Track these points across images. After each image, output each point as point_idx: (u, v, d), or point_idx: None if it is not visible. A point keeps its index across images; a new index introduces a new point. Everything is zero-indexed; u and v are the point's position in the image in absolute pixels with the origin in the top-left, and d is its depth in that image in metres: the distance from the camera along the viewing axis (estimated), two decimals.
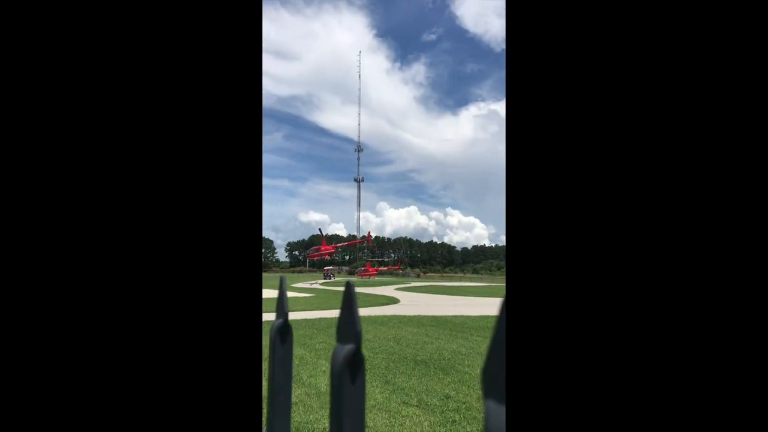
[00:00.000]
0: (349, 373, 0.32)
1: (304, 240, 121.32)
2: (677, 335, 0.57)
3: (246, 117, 0.74)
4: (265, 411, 0.73)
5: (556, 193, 0.63)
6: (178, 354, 0.68)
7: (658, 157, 0.61)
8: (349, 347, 0.32)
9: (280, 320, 0.48)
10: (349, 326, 0.32)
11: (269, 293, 13.89)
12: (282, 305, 0.48)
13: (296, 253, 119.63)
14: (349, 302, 0.33)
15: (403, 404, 3.77)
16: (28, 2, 0.68)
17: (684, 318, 0.57)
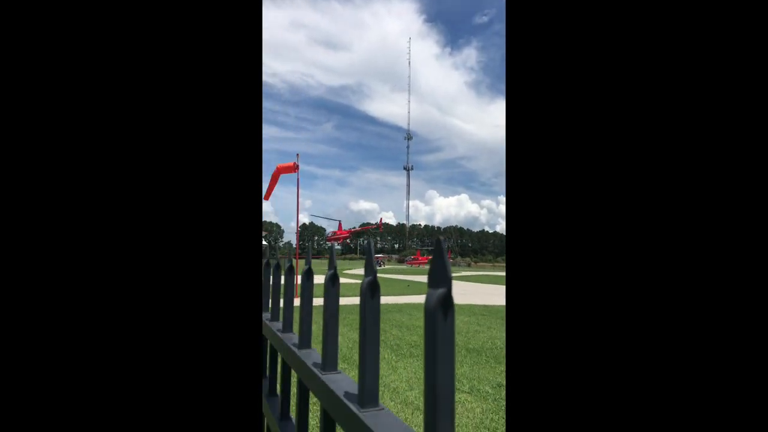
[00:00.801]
0: (441, 312, 0.36)
1: (355, 228, 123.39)
2: (678, 335, 0.56)
3: (246, 117, 0.74)
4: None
5: (556, 193, 0.62)
6: (179, 354, 0.68)
7: (658, 156, 0.60)
8: (441, 290, 0.36)
9: (370, 277, 0.53)
10: (440, 273, 0.36)
11: (320, 279, 14.29)
12: (371, 264, 0.54)
13: (348, 240, 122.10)
14: (439, 253, 0.37)
15: (456, 390, 3.82)
16: (28, 2, 0.68)
17: (683, 317, 0.56)
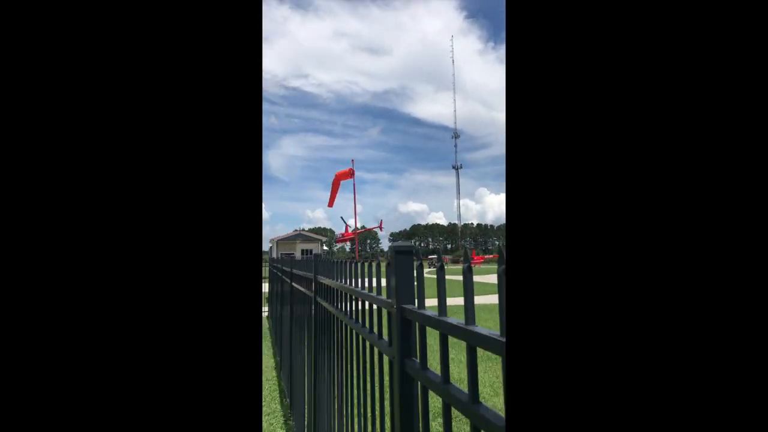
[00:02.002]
0: None
1: (406, 230, 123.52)
2: (678, 334, 0.55)
3: (246, 118, 0.72)
4: None
5: (556, 193, 0.61)
6: (179, 354, 0.67)
7: (658, 156, 0.59)
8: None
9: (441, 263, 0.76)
10: None
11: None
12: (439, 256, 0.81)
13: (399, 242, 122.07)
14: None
15: None
16: (28, 2, 0.66)
17: (683, 316, 0.55)
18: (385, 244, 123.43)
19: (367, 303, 1.28)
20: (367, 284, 1.29)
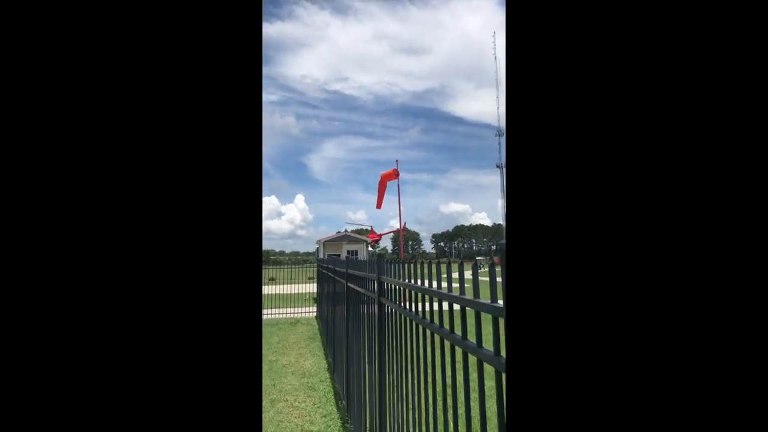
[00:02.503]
0: None
1: (448, 231, 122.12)
2: (677, 334, 0.57)
3: (246, 118, 0.71)
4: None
5: (556, 192, 0.62)
6: (179, 354, 0.67)
7: (658, 156, 0.60)
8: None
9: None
10: None
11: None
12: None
13: (441, 244, 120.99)
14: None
15: None
16: (28, 2, 0.67)
17: (682, 316, 0.57)
18: (426, 246, 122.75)
19: (452, 306, 1.17)
20: (455, 286, 1.18)
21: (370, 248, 15.29)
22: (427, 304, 1.44)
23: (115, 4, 0.71)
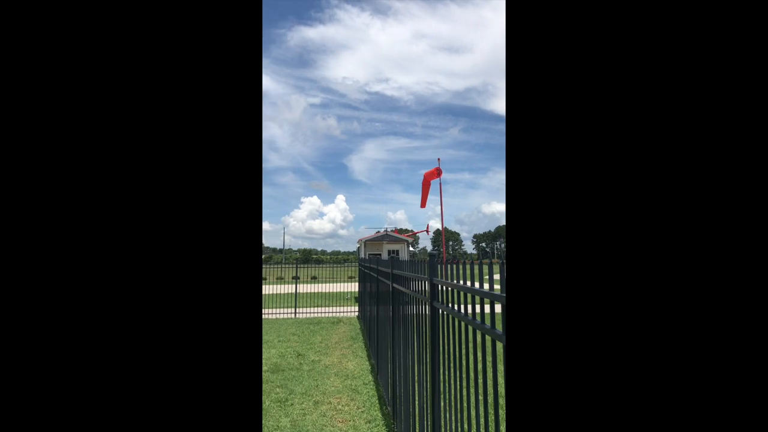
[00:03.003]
0: None
1: (490, 231, 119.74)
2: (676, 334, 0.59)
3: (246, 118, 0.72)
4: None
5: (556, 193, 0.65)
6: (179, 353, 0.67)
7: (657, 156, 0.63)
8: None
9: None
10: None
11: None
12: None
13: (483, 244, 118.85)
14: None
15: None
16: (29, 2, 0.66)
17: (682, 316, 0.60)
18: (468, 246, 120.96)
19: None
20: None
21: (411, 248, 15.11)
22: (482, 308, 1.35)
23: (116, 4, 0.72)
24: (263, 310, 10.52)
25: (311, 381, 4.78)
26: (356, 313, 10.12)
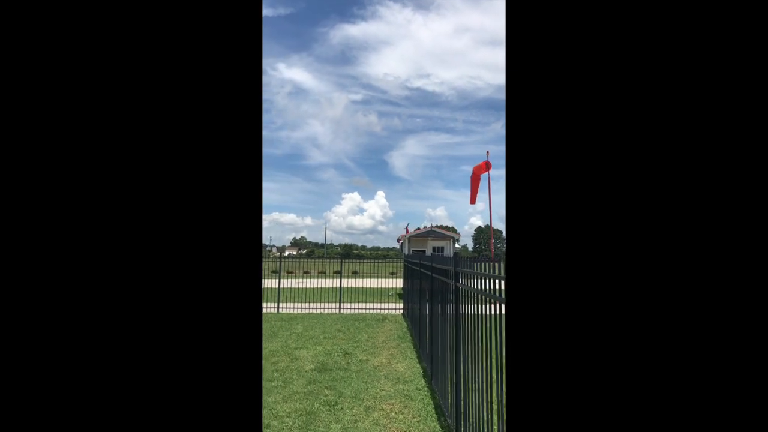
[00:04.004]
0: None
1: (419, 228, 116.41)
2: (676, 334, 0.60)
3: (246, 119, 0.73)
4: None
5: (556, 193, 0.65)
6: (180, 354, 0.69)
7: (657, 156, 0.64)
8: None
9: None
10: None
11: None
12: None
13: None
14: None
15: None
16: (29, 3, 0.67)
17: (682, 317, 0.61)
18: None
19: None
20: None
21: (457, 245, 14.61)
22: None
23: (117, 5, 0.72)
24: (308, 304, 10.43)
25: (360, 383, 4.48)
26: (401, 311, 9.81)
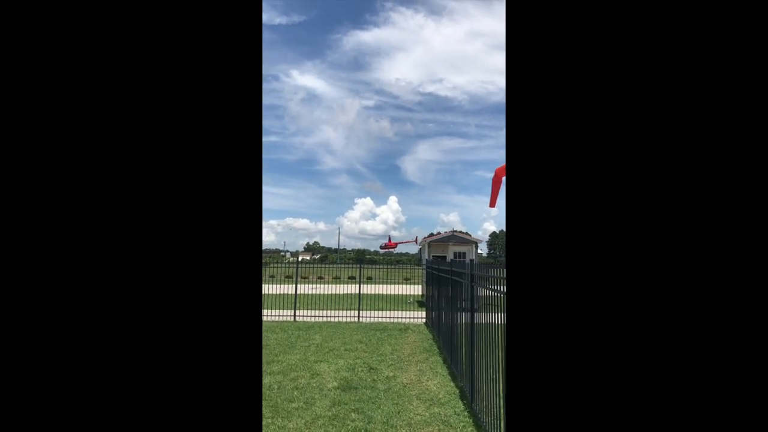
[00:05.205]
0: None
1: (400, 242, 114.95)
2: (675, 335, 0.62)
3: (246, 119, 0.73)
4: None
5: (556, 194, 0.65)
6: (180, 354, 0.69)
7: (657, 157, 0.64)
8: None
9: None
10: None
11: None
12: None
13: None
14: None
15: None
16: (29, 3, 0.66)
17: (681, 318, 0.62)
18: None
19: None
20: None
21: (479, 251, 14.02)
22: None
23: (117, 5, 0.72)
24: (325, 312, 9.97)
25: (391, 405, 3.99)
26: (422, 320, 9.28)
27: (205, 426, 0.68)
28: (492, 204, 11.74)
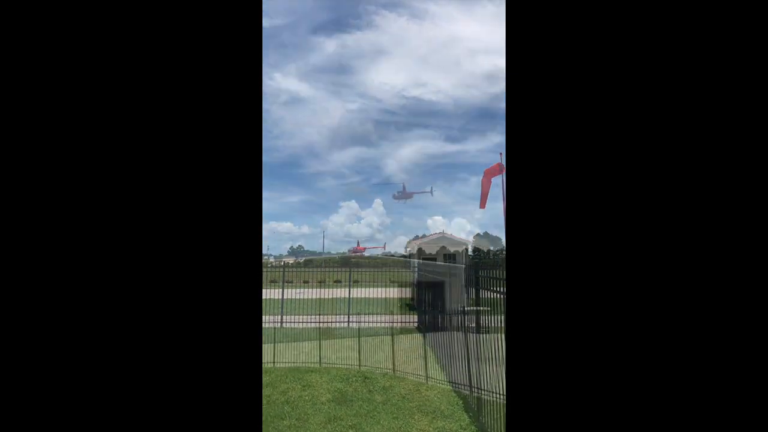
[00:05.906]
0: None
1: (366, 246, 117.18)
2: (675, 335, 0.61)
3: (247, 120, 0.73)
4: None
5: (556, 194, 0.65)
6: (180, 354, 0.69)
7: (656, 157, 0.63)
8: None
9: None
10: None
11: None
12: None
13: None
14: None
15: None
16: (29, 3, 0.66)
17: (681, 318, 0.62)
18: None
19: None
20: None
21: (471, 253, 13.85)
22: None
23: (118, 5, 0.71)
24: (316, 317, 9.61)
25: (390, 419, 3.69)
26: (414, 323, 9.01)
27: (206, 428, 0.69)
28: (482, 205, 11.59)
